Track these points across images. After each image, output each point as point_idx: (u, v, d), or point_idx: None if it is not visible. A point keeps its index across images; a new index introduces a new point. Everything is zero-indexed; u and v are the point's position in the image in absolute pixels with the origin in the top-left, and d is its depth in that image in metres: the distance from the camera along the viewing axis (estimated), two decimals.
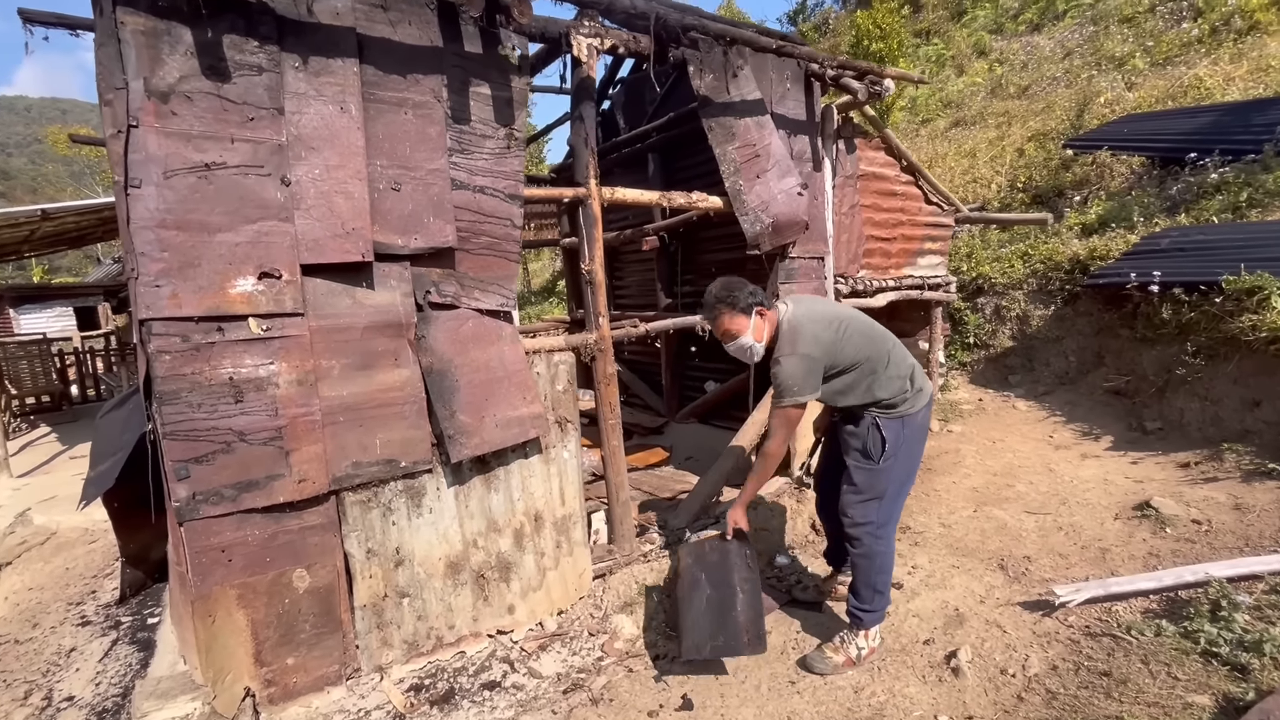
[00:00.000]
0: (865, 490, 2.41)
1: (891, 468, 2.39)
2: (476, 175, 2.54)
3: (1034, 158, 8.01)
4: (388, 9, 2.32)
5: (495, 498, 2.69)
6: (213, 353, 2.07)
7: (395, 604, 2.45)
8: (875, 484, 2.40)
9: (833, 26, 19.30)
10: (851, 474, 2.45)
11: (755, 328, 2.39)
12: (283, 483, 2.18)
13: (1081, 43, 10.79)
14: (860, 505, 2.42)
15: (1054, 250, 5.59)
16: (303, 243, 2.17)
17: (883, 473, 2.39)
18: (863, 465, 2.41)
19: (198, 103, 1.99)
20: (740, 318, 2.37)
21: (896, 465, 2.40)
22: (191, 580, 2.08)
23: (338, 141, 2.21)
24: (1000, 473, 4.00)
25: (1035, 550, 3.06)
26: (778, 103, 3.61)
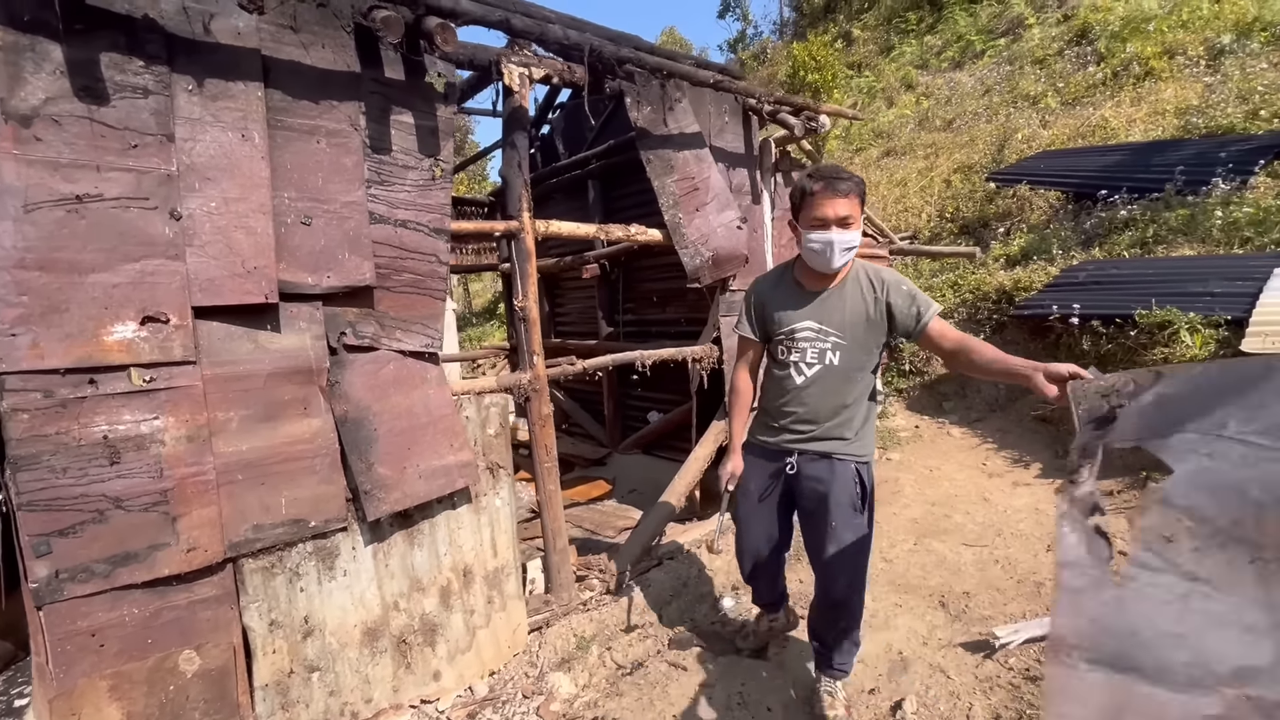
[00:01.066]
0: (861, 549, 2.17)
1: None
2: (398, 208, 2.38)
3: (960, 189, 8.39)
4: (299, 30, 2.15)
5: (419, 554, 2.48)
6: (83, 409, 1.81)
7: (303, 680, 2.21)
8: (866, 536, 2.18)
9: (771, 56, 19.98)
10: (839, 533, 2.13)
11: (862, 232, 2.10)
12: (168, 553, 1.93)
13: (999, 81, 11.46)
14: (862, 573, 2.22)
15: (981, 281, 5.81)
16: (196, 283, 1.95)
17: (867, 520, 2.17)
18: (853, 521, 2.13)
19: (68, 127, 1.76)
20: (860, 212, 2.02)
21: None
22: (52, 673, 1.79)
23: (238, 172, 2.01)
24: (939, 502, 4.05)
25: (974, 585, 3.07)
26: (716, 136, 3.60)
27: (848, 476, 2.11)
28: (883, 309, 2.06)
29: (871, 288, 2.07)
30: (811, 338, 2.11)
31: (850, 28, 17.74)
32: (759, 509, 2.34)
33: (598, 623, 2.98)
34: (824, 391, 2.12)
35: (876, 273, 2.10)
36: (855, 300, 2.08)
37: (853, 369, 2.10)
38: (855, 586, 2.22)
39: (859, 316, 2.07)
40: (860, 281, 2.09)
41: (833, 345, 2.09)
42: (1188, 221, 5.29)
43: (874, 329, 2.08)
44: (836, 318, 2.08)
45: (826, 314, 2.09)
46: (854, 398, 2.12)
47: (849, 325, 2.07)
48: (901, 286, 2.06)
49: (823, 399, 2.12)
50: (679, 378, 4.47)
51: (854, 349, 2.08)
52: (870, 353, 2.11)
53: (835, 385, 2.11)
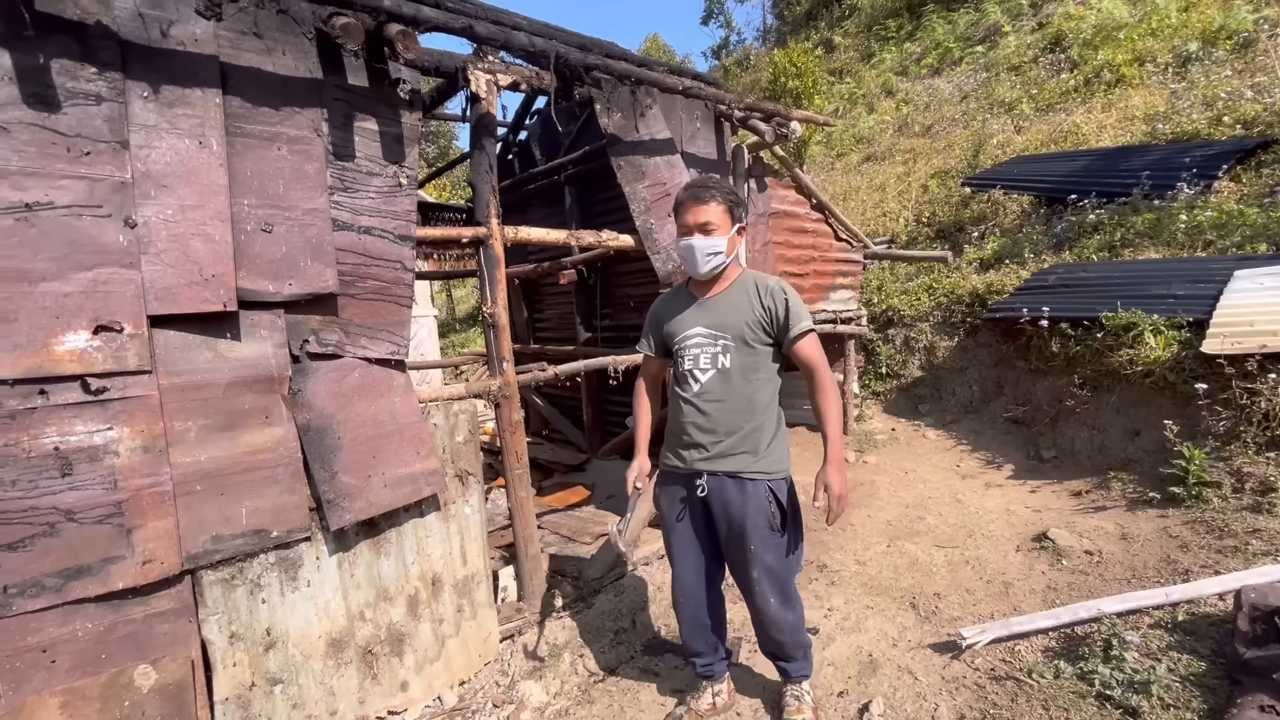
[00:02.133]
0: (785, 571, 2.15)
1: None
2: (362, 215, 2.37)
3: (936, 194, 8.50)
4: (261, 36, 2.14)
5: (386, 563, 2.46)
6: (32, 420, 1.78)
7: (265, 694, 2.18)
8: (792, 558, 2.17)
9: (754, 62, 20.14)
10: (760, 557, 2.09)
11: (732, 239, 2.10)
12: (123, 566, 1.90)
13: (976, 87, 11.63)
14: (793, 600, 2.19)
15: (956, 284, 5.88)
16: (151, 291, 1.93)
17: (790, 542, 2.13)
18: (773, 542, 2.09)
19: (17, 135, 1.74)
20: (727, 218, 2.07)
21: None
22: (1, 690, 1.75)
23: (195, 179, 1.99)
24: (912, 504, 4.08)
25: (945, 586, 3.10)
26: (688, 142, 3.62)
27: (760, 498, 2.05)
28: (761, 312, 2.07)
29: (756, 292, 2.09)
30: (702, 343, 2.11)
31: (831, 35, 17.93)
32: (679, 537, 2.25)
33: (570, 629, 2.97)
34: (721, 397, 2.08)
35: (763, 280, 2.13)
36: (740, 303, 2.10)
37: (747, 370, 2.07)
38: (788, 602, 2.18)
39: (742, 317, 2.08)
40: (746, 287, 2.12)
41: (722, 348, 2.08)
42: (1153, 225, 5.40)
43: (758, 330, 2.07)
44: (723, 320, 2.10)
45: (716, 318, 2.11)
46: (754, 405, 2.07)
47: (734, 326, 2.08)
48: (782, 294, 2.07)
49: (721, 407, 2.07)
50: None
51: (743, 350, 2.07)
52: (759, 354, 2.08)
53: (732, 389, 2.07)
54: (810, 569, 3.50)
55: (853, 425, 5.34)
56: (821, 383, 2.04)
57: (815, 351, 2.06)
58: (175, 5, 1.97)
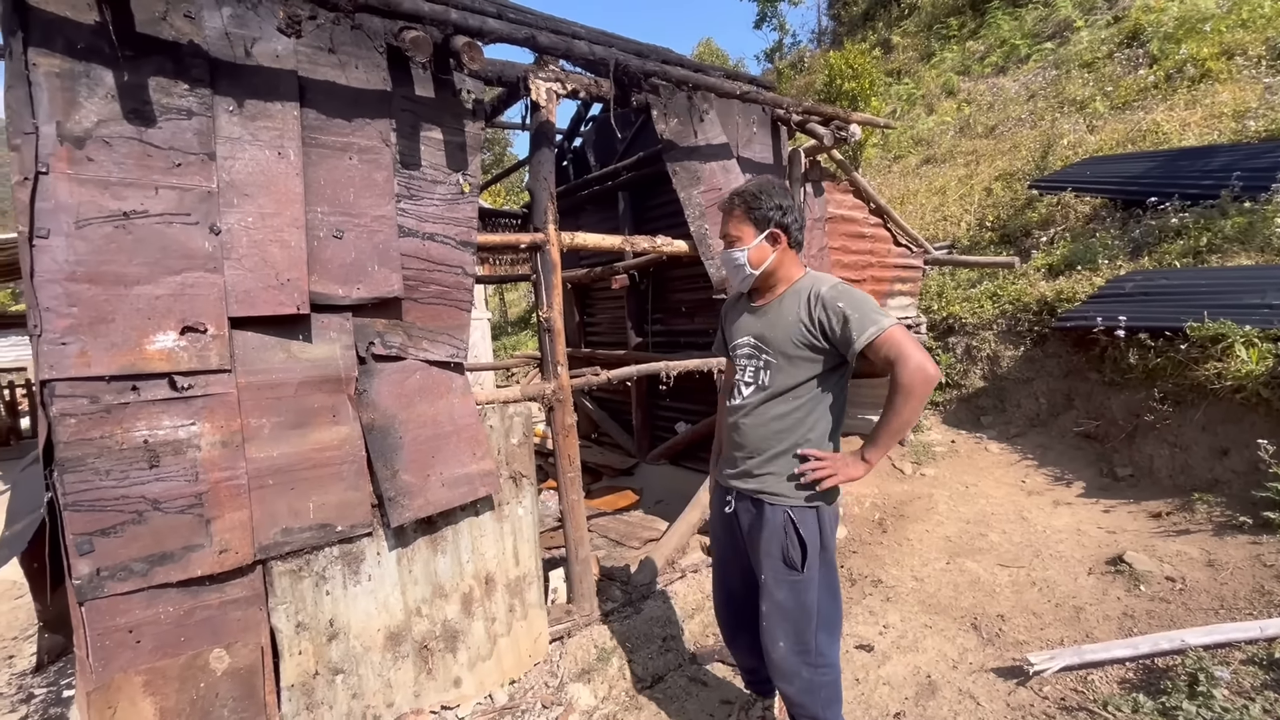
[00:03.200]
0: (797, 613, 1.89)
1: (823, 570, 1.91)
2: (426, 222, 2.44)
3: (1001, 197, 8.16)
4: (334, 52, 2.23)
5: (442, 561, 2.52)
6: (125, 414, 1.90)
7: (327, 682, 2.26)
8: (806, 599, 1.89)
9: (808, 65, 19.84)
10: (771, 590, 1.90)
11: (760, 249, 1.90)
12: (202, 554, 2.00)
13: (1045, 85, 11.12)
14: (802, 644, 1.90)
15: (1022, 291, 5.63)
16: (232, 294, 2.04)
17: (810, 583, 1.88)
18: (786, 577, 1.88)
19: (118, 148, 1.87)
20: (748, 227, 1.90)
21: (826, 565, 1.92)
22: (91, 666, 1.88)
23: (274, 188, 2.10)
24: (973, 520, 3.92)
25: (1009, 608, 2.96)
26: (744, 146, 3.59)
27: (775, 524, 1.87)
28: (809, 324, 1.82)
29: (807, 302, 1.84)
30: (750, 354, 1.96)
31: (890, 35, 17.50)
32: (719, 546, 2.17)
33: (620, 634, 2.98)
34: (756, 418, 1.92)
35: (818, 286, 1.86)
36: (788, 313, 1.87)
37: (789, 388, 1.86)
38: (802, 652, 1.89)
39: (787, 333, 1.86)
40: (800, 295, 1.88)
41: (764, 363, 1.91)
42: (1245, 230, 5.02)
43: (804, 348, 1.83)
44: (769, 332, 1.90)
45: (763, 328, 1.93)
46: (793, 426, 1.87)
47: (778, 340, 1.88)
48: (837, 303, 1.78)
49: (754, 426, 1.92)
50: (707, 389, 4.46)
51: (783, 370, 1.87)
52: (798, 377, 1.85)
53: (766, 411, 1.90)
54: (864, 583, 3.40)
55: (910, 436, 5.17)
56: (897, 380, 1.72)
57: (893, 349, 1.72)
58: (259, 24, 2.08)
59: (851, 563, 3.63)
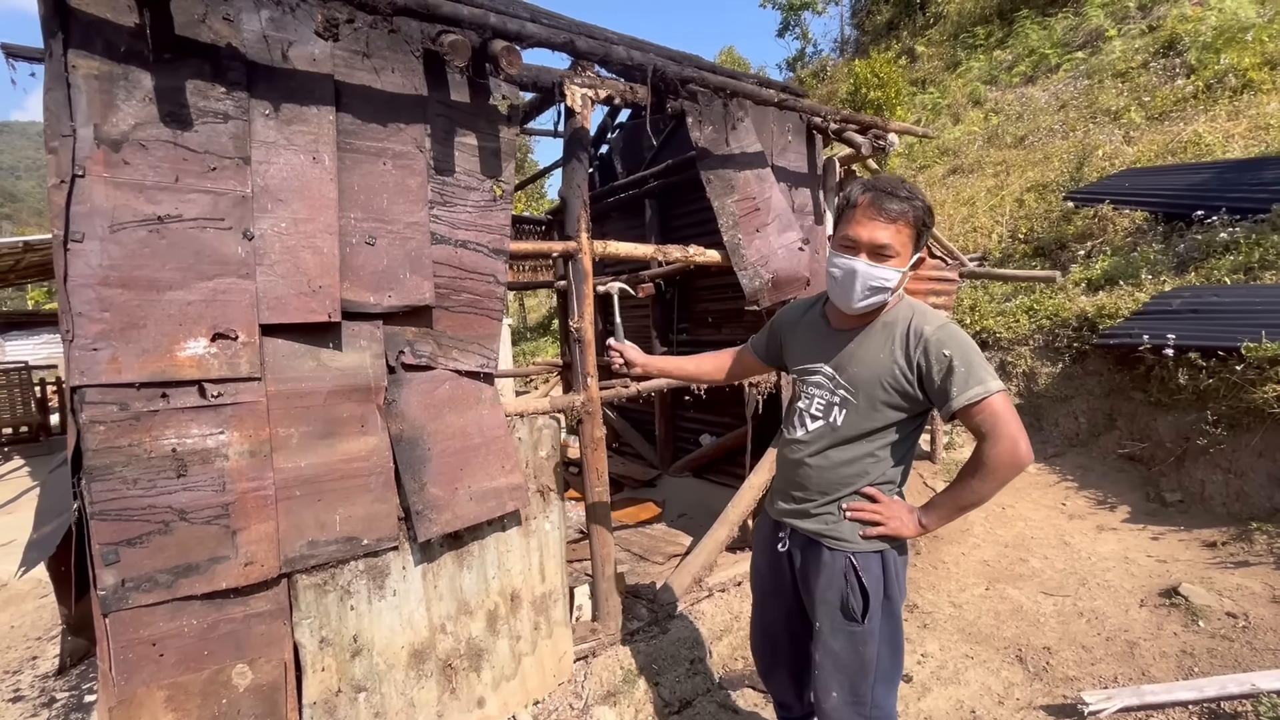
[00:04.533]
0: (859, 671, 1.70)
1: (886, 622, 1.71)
2: (459, 229, 2.39)
3: (1034, 208, 7.97)
4: (370, 56, 2.20)
5: (468, 576, 2.45)
6: (154, 422, 1.86)
7: (350, 700, 2.20)
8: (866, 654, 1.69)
9: (830, 74, 19.73)
10: (826, 640, 1.72)
11: (906, 276, 1.62)
12: (227, 566, 1.95)
13: (1076, 95, 10.90)
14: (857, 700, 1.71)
15: (1060, 306, 5.46)
16: (264, 301, 1.99)
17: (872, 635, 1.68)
18: (844, 628, 1.69)
19: (153, 151, 1.84)
20: (910, 245, 1.58)
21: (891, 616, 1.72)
22: (114, 680, 1.83)
23: (308, 193, 2.06)
24: (1012, 544, 3.77)
25: (1055, 640, 2.81)
26: (778, 155, 3.51)
27: (836, 570, 1.68)
28: (904, 367, 1.59)
29: (906, 339, 1.59)
30: (823, 385, 1.72)
31: (914, 44, 17.33)
32: (760, 580, 2.01)
33: (646, 655, 2.88)
34: (825, 455, 1.71)
35: (921, 321, 1.60)
36: (880, 349, 1.63)
37: (856, 436, 1.66)
38: (856, 705, 1.71)
39: (876, 372, 1.62)
40: (895, 328, 1.62)
41: (841, 401, 1.67)
42: None
43: (892, 392, 1.60)
44: (853, 367, 1.66)
45: (845, 360, 1.68)
46: (863, 473, 1.67)
47: (864, 379, 1.63)
48: (943, 349, 1.53)
49: (822, 465, 1.71)
50: (733, 401, 4.36)
51: (862, 412, 1.64)
52: (877, 422, 1.64)
53: (835, 453, 1.69)
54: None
55: (941, 454, 5.02)
56: (984, 455, 1.51)
57: (989, 421, 1.49)
58: (296, 27, 2.05)
59: None
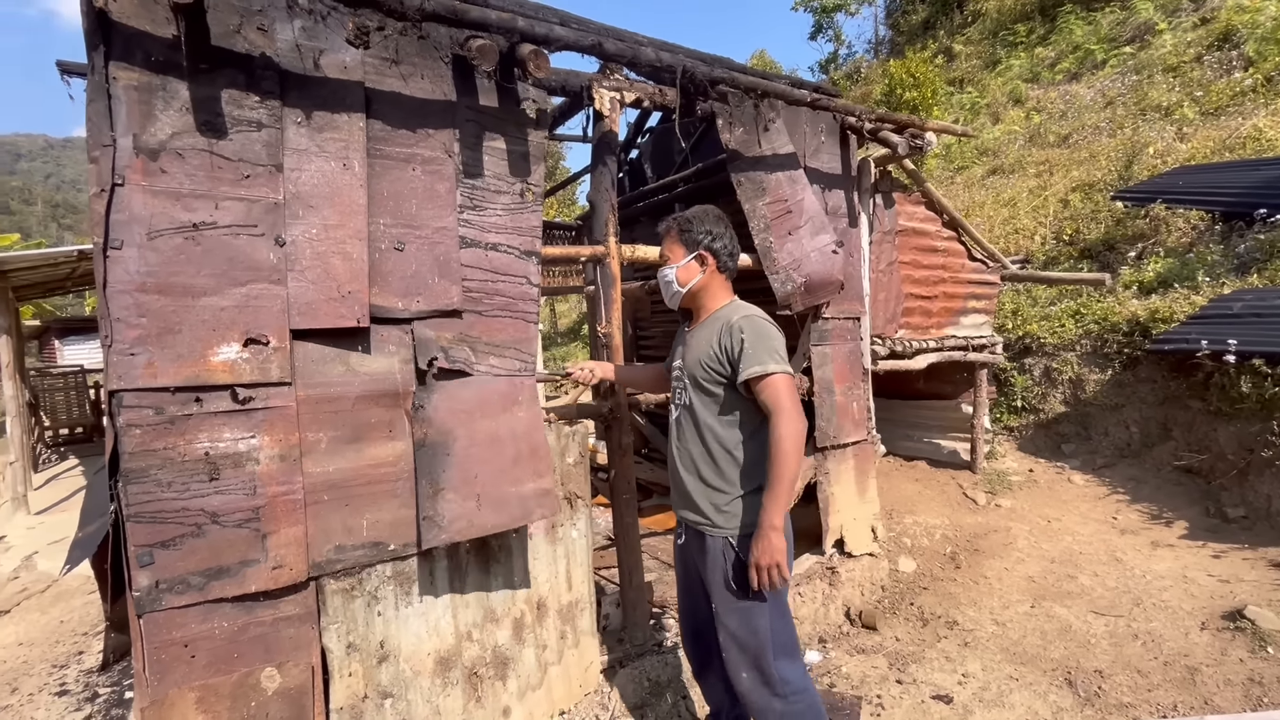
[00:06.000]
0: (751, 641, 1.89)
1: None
2: (489, 232, 2.38)
3: (1080, 209, 7.67)
4: (400, 63, 2.21)
5: (494, 583, 2.43)
6: (188, 426, 1.89)
7: (376, 706, 2.19)
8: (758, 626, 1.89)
9: (865, 75, 19.44)
10: (723, 618, 1.93)
11: (688, 268, 2.05)
12: (257, 570, 1.97)
13: (1124, 91, 10.51)
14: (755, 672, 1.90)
15: (1110, 310, 5.22)
16: (294, 306, 2.01)
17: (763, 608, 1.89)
18: (734, 605, 1.90)
19: (190, 160, 1.87)
20: (679, 248, 2.07)
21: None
22: (148, 679, 1.85)
23: (338, 199, 2.07)
24: (1059, 559, 3.59)
25: (1108, 663, 2.66)
26: (811, 156, 3.43)
27: (716, 551, 1.93)
28: (716, 349, 1.93)
29: (720, 330, 1.95)
30: (678, 375, 2.10)
31: (952, 43, 16.97)
32: (680, 587, 2.25)
33: (674, 667, 2.82)
34: (684, 439, 2.04)
35: (732, 315, 1.96)
36: (703, 340, 2.00)
37: (708, 413, 1.96)
38: (765, 682, 1.89)
39: (698, 357, 1.98)
40: (716, 322, 2.00)
41: (683, 387, 2.05)
42: None
43: (710, 370, 1.94)
44: (688, 356, 2.04)
45: (685, 353, 2.08)
46: (715, 452, 1.95)
47: (691, 365, 2.00)
48: (738, 333, 1.88)
49: (683, 449, 2.04)
50: None
51: (697, 395, 1.99)
52: (720, 398, 1.95)
53: (692, 432, 2.00)
54: (938, 624, 3.15)
55: (982, 463, 4.83)
56: (774, 430, 1.80)
57: (772, 396, 1.82)
58: (327, 35, 2.07)
59: (923, 600, 3.37)
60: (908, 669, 2.78)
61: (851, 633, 3.16)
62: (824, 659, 2.94)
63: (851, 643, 3.05)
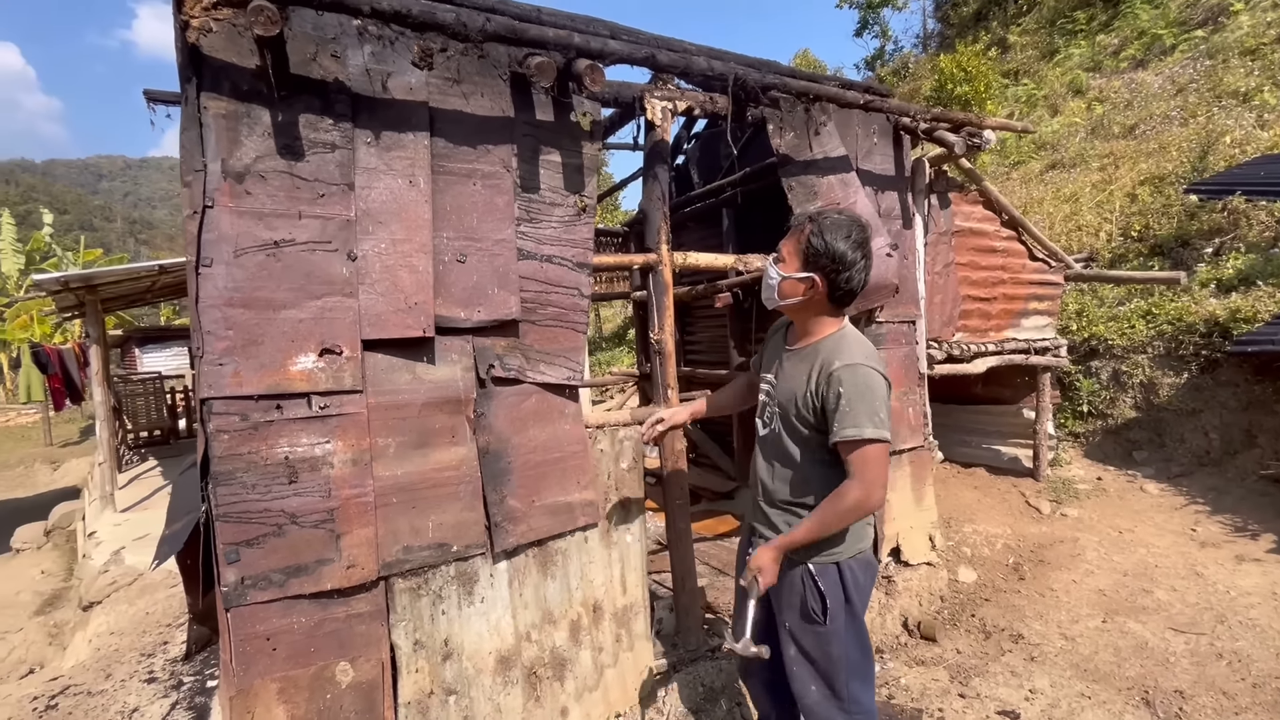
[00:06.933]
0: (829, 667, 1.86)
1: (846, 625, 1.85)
2: (544, 244, 2.45)
3: (1149, 203, 7.30)
4: (461, 82, 2.30)
5: (552, 586, 2.49)
6: (270, 431, 2.00)
7: (441, 702, 2.27)
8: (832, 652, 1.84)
9: (912, 71, 18.96)
10: (797, 637, 1.88)
11: (793, 284, 1.81)
12: (332, 568, 2.07)
13: (1196, 77, 9.95)
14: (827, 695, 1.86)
15: (1184, 309, 4.95)
16: (365, 318, 2.11)
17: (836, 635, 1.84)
18: (809, 629, 1.85)
19: (271, 181, 1.99)
20: (797, 257, 1.80)
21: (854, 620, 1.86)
22: (234, 670, 1.97)
23: (405, 215, 2.17)
24: (1133, 573, 3.43)
25: (1189, 683, 2.53)
26: (864, 158, 3.38)
27: (795, 577, 1.85)
28: (811, 392, 1.78)
29: (816, 370, 1.78)
30: (769, 394, 1.97)
31: (1006, 34, 16.39)
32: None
33: (728, 673, 2.82)
34: (770, 464, 1.96)
35: (834, 353, 1.76)
36: (799, 375, 1.84)
37: (790, 451, 1.87)
38: (835, 699, 1.85)
39: (792, 392, 1.84)
40: (816, 357, 1.81)
41: (775, 413, 1.93)
42: None
43: (806, 410, 1.80)
44: (784, 383, 1.90)
45: (782, 375, 1.92)
46: (804, 481, 1.85)
47: (782, 396, 1.88)
48: (836, 385, 1.70)
49: (767, 475, 1.96)
50: None
51: (785, 429, 1.87)
52: (798, 441, 1.85)
53: (777, 464, 1.92)
54: (1001, 637, 3.05)
55: (1046, 471, 4.65)
56: (846, 489, 1.71)
57: (859, 466, 1.69)
58: (394, 59, 2.17)
59: (984, 612, 3.27)
60: (970, 682, 2.70)
61: (910, 644, 3.09)
62: (881, 670, 2.89)
63: (910, 654, 2.98)
